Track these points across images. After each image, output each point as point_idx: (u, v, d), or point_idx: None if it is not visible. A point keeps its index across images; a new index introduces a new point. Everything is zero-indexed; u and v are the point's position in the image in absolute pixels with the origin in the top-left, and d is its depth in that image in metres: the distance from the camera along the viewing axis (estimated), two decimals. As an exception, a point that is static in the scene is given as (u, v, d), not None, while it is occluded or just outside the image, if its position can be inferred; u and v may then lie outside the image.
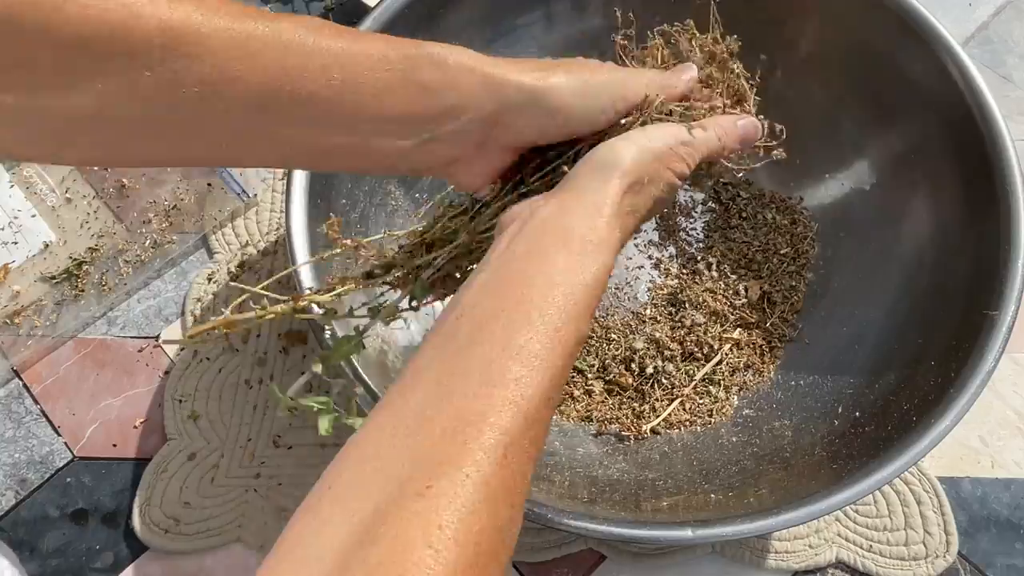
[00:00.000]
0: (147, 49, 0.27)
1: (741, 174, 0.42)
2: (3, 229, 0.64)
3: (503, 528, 0.26)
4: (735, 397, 0.58)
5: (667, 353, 0.58)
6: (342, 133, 0.32)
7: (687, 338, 0.59)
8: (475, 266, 0.35)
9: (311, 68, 0.30)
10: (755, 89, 0.41)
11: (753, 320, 0.60)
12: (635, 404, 0.57)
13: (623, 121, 0.36)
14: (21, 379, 0.59)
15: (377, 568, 0.22)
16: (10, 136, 0.29)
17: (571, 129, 0.36)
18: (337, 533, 0.24)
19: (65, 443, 0.57)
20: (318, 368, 0.39)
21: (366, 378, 0.45)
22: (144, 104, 0.29)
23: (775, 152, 0.41)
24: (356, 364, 0.45)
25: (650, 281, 0.62)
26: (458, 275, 0.40)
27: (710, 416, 0.57)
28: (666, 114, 0.37)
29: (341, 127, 0.32)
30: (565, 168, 0.36)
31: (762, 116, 0.40)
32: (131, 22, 0.27)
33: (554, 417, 0.57)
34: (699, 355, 0.59)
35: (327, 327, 0.43)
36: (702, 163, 0.37)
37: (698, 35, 0.41)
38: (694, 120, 0.38)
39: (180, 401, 0.58)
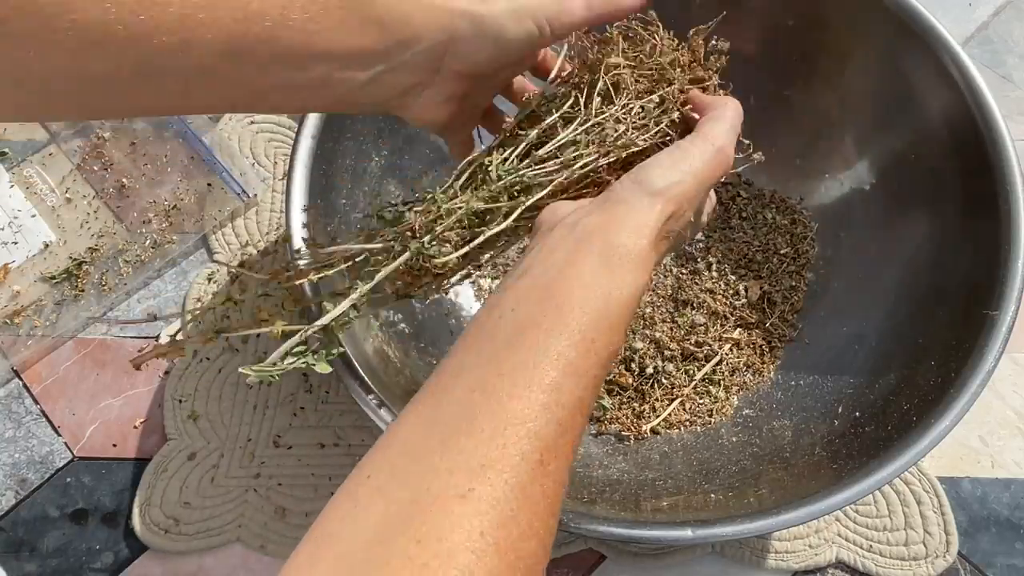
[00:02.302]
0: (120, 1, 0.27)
1: (742, 173, 0.42)
2: (3, 229, 0.64)
3: (542, 535, 0.26)
4: (735, 397, 0.58)
5: (667, 353, 0.58)
6: (301, 71, 0.33)
7: (687, 338, 0.59)
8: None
9: (271, 11, 0.31)
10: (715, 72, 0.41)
11: (753, 320, 0.60)
12: (635, 404, 0.57)
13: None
14: (21, 379, 0.59)
15: (423, 570, 0.23)
16: None
17: (511, 51, 0.37)
18: (376, 523, 0.24)
19: (65, 443, 0.57)
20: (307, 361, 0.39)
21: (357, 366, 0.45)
22: (114, 59, 0.29)
23: (755, 156, 0.41)
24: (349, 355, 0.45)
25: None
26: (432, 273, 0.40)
27: (710, 416, 0.57)
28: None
29: (300, 66, 0.33)
30: (611, 179, 0.36)
31: (748, 142, 0.40)
32: None
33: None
34: (699, 355, 0.59)
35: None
36: None
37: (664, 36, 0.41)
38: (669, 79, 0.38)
39: (180, 401, 0.58)
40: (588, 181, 0.38)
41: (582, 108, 0.39)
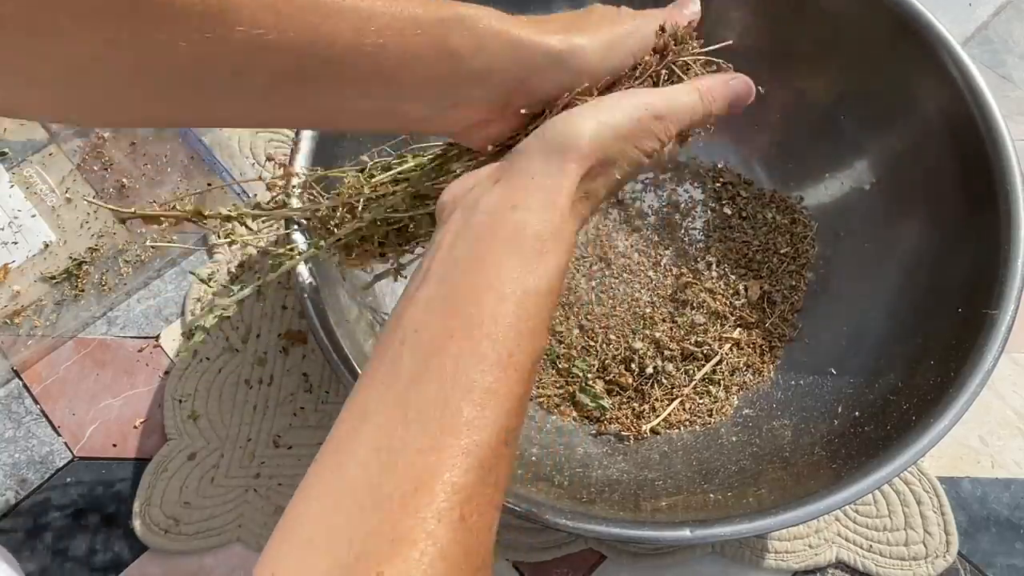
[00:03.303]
0: (184, 19, 0.26)
1: (742, 173, 0.41)
2: (3, 229, 0.64)
3: None
4: (735, 397, 0.58)
5: (667, 353, 0.58)
6: (369, 98, 0.31)
7: (687, 338, 0.59)
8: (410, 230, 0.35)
9: (344, 33, 0.29)
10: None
11: (753, 320, 0.60)
12: (635, 404, 0.57)
13: (636, 70, 0.35)
14: (21, 379, 0.59)
15: None
16: (49, 95, 0.28)
17: (589, 82, 0.34)
18: None
19: (65, 443, 0.57)
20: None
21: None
22: (176, 73, 0.27)
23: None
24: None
25: (650, 281, 0.62)
26: (395, 241, 0.40)
27: (710, 416, 0.57)
28: (679, 68, 0.36)
29: (369, 93, 0.31)
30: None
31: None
32: None
33: (553, 417, 0.57)
34: (699, 355, 0.59)
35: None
36: (682, 133, 0.35)
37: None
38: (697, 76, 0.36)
39: (180, 401, 0.58)
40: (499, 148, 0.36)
41: None
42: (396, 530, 0.23)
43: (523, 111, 0.34)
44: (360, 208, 0.40)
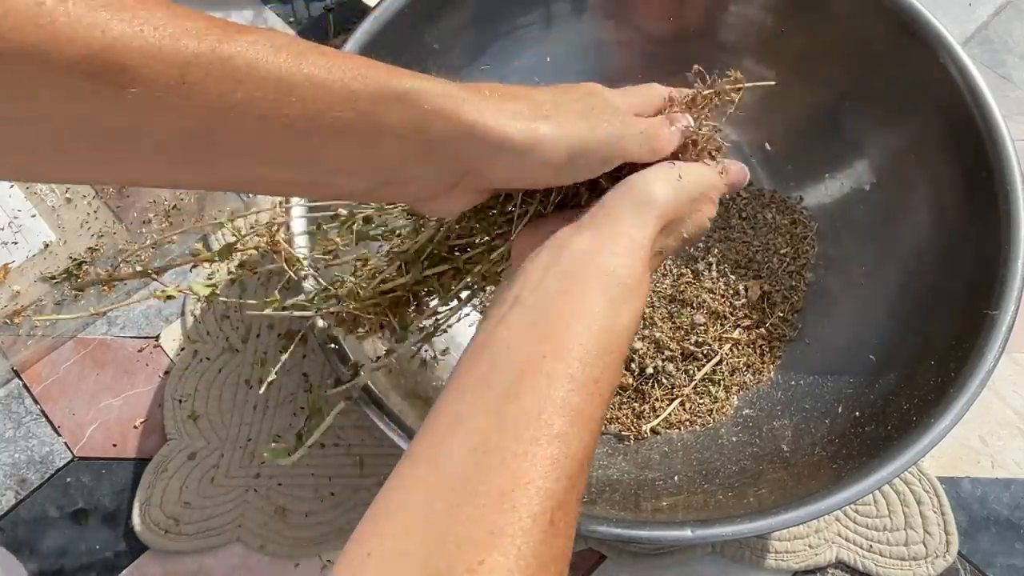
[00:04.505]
0: (66, 77, 0.23)
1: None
2: (3, 229, 0.64)
3: None
4: (735, 397, 0.58)
5: (667, 353, 0.58)
6: (293, 170, 0.29)
7: (687, 338, 0.59)
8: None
9: (260, 103, 0.26)
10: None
11: (753, 320, 0.60)
12: (635, 404, 0.57)
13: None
14: (21, 379, 0.59)
15: None
16: None
17: (558, 182, 0.32)
18: None
19: (65, 443, 0.57)
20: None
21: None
22: (65, 131, 0.25)
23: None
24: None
25: (650, 281, 0.62)
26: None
27: (710, 416, 0.57)
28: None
29: (292, 165, 0.28)
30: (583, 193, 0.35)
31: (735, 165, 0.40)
32: (49, 46, 0.22)
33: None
34: (699, 355, 0.59)
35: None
36: None
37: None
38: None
39: (180, 401, 0.58)
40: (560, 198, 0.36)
41: None
42: (495, 524, 0.24)
43: (481, 190, 0.32)
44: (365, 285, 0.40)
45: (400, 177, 0.30)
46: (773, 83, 0.40)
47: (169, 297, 0.42)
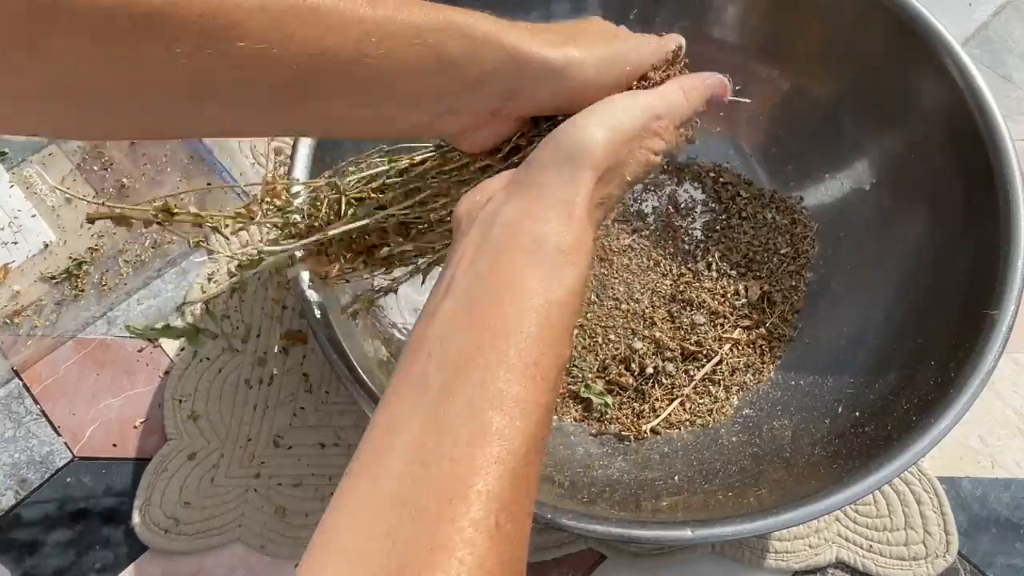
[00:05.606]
0: (184, 35, 0.26)
1: (742, 173, 0.41)
2: (3, 229, 0.64)
3: None
4: (735, 397, 0.58)
5: (667, 353, 0.58)
6: (369, 107, 0.31)
7: (687, 338, 0.59)
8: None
9: (347, 46, 0.29)
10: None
11: (753, 320, 0.60)
12: (635, 404, 0.57)
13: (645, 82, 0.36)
14: (21, 379, 0.59)
15: None
16: (44, 110, 0.28)
17: (588, 100, 0.34)
18: None
19: (65, 443, 0.57)
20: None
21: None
22: (175, 87, 0.27)
23: (742, 99, 0.39)
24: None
25: (650, 281, 0.62)
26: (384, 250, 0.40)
27: (710, 416, 0.57)
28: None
29: (369, 102, 0.31)
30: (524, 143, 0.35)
31: (728, 75, 0.38)
32: (168, 8, 0.25)
33: (553, 417, 0.57)
34: (699, 355, 0.59)
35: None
36: (687, 133, 0.36)
37: None
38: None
39: (180, 401, 0.58)
40: (510, 149, 0.36)
41: None
42: (434, 539, 0.23)
43: (519, 118, 0.35)
44: (344, 210, 0.40)
45: (457, 105, 0.33)
46: (748, 100, 0.39)
47: (210, 252, 0.42)
